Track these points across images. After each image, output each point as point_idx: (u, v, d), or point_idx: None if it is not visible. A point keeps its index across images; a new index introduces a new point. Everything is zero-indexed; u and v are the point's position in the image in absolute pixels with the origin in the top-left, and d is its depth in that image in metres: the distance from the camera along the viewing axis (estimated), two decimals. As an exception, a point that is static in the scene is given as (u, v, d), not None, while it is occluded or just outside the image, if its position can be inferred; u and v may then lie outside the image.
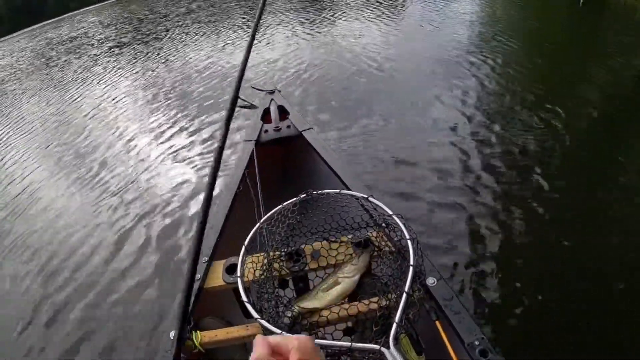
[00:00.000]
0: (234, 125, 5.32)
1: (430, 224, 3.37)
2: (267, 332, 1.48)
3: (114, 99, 7.77)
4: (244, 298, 1.56)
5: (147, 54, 10.70)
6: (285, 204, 1.86)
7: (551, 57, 6.15)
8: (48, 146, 6.61)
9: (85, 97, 8.26)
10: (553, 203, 3.43)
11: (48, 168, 5.85)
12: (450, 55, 6.56)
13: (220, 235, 2.15)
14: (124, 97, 7.70)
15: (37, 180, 5.63)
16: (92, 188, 5.07)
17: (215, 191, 4.00)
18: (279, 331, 1.43)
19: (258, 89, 3.94)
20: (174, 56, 9.70)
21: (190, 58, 9.08)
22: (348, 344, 1.37)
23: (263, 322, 1.49)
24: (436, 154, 4.26)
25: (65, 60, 12.21)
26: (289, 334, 1.41)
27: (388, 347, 1.34)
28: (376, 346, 1.35)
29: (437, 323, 1.59)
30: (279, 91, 3.40)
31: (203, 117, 5.98)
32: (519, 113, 4.78)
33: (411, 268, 1.53)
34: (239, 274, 1.68)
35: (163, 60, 9.57)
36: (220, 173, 4.28)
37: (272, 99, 3.16)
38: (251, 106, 3.49)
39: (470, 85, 5.56)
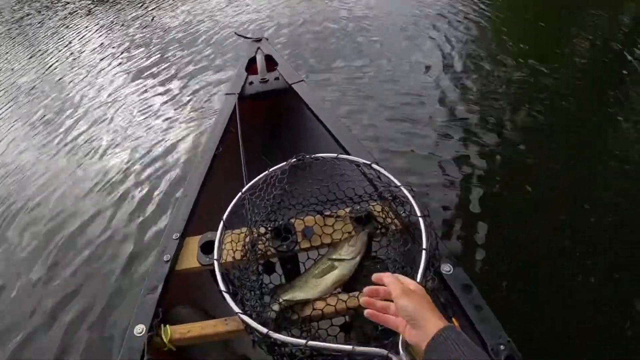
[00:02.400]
0: (213, 75, 5.02)
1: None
2: (249, 329, 1.23)
3: (91, 51, 7.24)
4: (222, 287, 1.29)
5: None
6: (272, 169, 1.58)
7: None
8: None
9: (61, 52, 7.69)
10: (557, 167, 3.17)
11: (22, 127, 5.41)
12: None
13: (195, 206, 1.85)
14: (102, 50, 7.18)
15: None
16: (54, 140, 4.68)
17: (190, 152, 3.79)
18: (263, 330, 1.17)
19: (243, 36, 3.55)
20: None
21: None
22: (349, 347, 1.12)
23: (244, 317, 1.23)
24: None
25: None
26: (277, 334, 1.16)
27: (397, 353, 1.09)
28: (383, 351, 1.11)
29: (454, 320, 1.33)
30: (267, 39, 3.05)
31: (184, 71, 5.47)
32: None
33: (424, 252, 1.26)
34: (216, 255, 1.41)
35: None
36: (196, 129, 4.09)
37: (258, 48, 2.81)
38: (249, 38, 3.09)
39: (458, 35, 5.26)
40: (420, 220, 1.34)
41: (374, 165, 1.55)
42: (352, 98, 4.17)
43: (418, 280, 1.20)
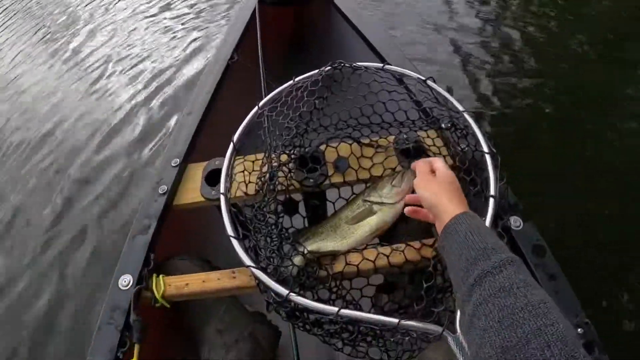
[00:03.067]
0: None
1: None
2: (263, 287, 1.01)
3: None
4: (230, 231, 1.04)
5: None
6: (299, 78, 1.29)
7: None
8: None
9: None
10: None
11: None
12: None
13: (200, 126, 1.54)
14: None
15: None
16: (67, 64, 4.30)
17: (200, 61, 3.43)
18: (283, 290, 0.96)
19: None
20: None
21: None
22: (394, 321, 0.91)
23: (258, 272, 1.00)
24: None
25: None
26: (299, 298, 0.96)
27: (455, 332, 0.87)
28: (438, 328, 0.90)
29: None
30: None
31: None
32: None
33: (491, 200, 1.01)
34: (222, 188, 1.13)
35: None
36: (204, 34, 3.70)
37: None
38: None
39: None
40: (488, 158, 1.06)
41: (430, 82, 1.23)
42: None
43: None
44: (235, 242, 1.02)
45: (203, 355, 1.27)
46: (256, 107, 1.24)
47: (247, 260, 1.00)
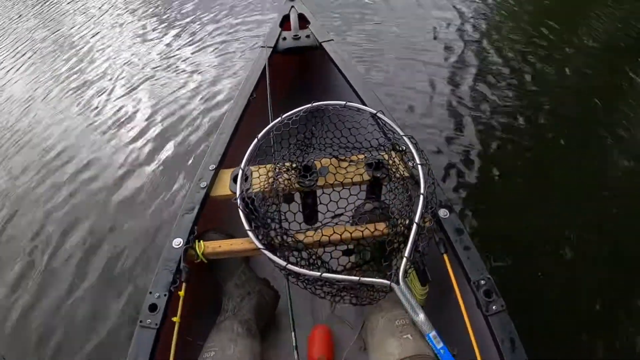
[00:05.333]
0: (249, 24, 5.20)
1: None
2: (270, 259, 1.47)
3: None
4: (245, 226, 1.53)
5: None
6: (287, 114, 1.76)
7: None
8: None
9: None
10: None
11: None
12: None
13: (229, 142, 2.08)
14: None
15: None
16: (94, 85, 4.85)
17: (226, 95, 4.04)
18: (282, 263, 1.42)
19: None
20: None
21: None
22: (356, 278, 1.36)
23: (251, 235, 1.50)
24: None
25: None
26: (294, 267, 1.42)
27: (397, 282, 1.34)
28: (386, 282, 1.36)
29: (445, 256, 1.56)
30: None
31: (216, 24, 5.54)
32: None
33: (421, 197, 1.48)
34: (238, 182, 1.65)
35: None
36: (232, 75, 4.32)
37: (292, 6, 2.95)
38: None
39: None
40: (420, 167, 1.55)
41: (380, 114, 1.73)
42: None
43: (416, 220, 1.43)
44: (250, 233, 1.51)
45: (224, 301, 1.81)
46: (261, 133, 1.75)
47: (247, 226, 1.51)
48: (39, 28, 6.57)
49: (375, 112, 1.74)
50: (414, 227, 1.42)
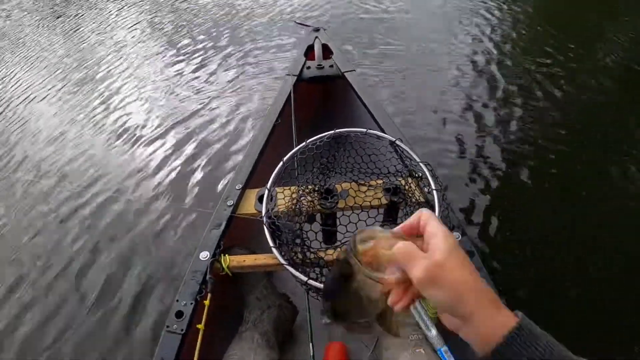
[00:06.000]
0: (277, 53, 5.41)
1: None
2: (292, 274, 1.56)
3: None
4: (265, 223, 1.64)
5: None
6: (310, 140, 1.86)
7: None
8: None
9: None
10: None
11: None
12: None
13: (255, 164, 2.21)
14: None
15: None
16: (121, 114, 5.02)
17: (252, 120, 4.21)
18: (303, 278, 1.51)
19: (302, 24, 3.88)
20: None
21: None
22: None
23: (275, 251, 1.59)
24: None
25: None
26: (314, 282, 1.50)
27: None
28: None
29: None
30: (324, 29, 3.33)
31: (245, 52, 5.76)
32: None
33: None
34: (264, 202, 1.75)
35: None
36: (261, 100, 4.50)
37: (316, 37, 3.11)
38: (308, 26, 3.43)
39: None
40: (435, 193, 1.65)
41: (398, 142, 1.84)
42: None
43: None
44: (266, 231, 1.62)
45: (245, 312, 1.91)
46: (286, 156, 1.85)
47: (281, 259, 1.58)
48: (69, 57, 6.83)
49: (394, 139, 1.85)
50: None
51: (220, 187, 3.41)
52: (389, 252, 0.62)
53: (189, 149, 4.03)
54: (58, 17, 8.79)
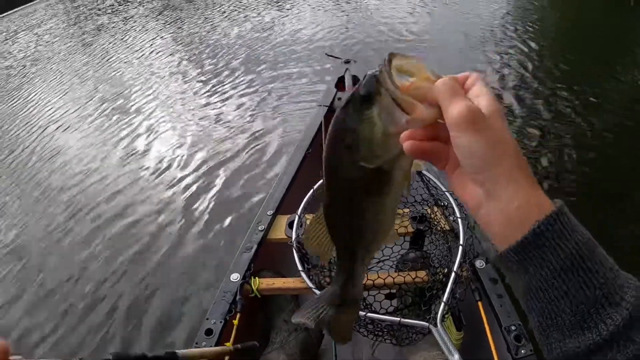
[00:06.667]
0: (308, 85, 5.56)
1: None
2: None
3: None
4: (299, 267, 1.69)
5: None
6: None
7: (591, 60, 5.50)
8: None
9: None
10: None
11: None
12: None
13: (287, 191, 2.28)
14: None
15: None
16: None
17: (284, 149, 4.31)
18: (316, 291, 1.59)
19: (333, 56, 3.98)
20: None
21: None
22: (397, 319, 1.50)
23: (303, 275, 1.65)
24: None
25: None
26: None
27: (435, 325, 1.46)
28: (425, 323, 1.48)
29: (479, 303, 1.68)
30: (355, 61, 3.40)
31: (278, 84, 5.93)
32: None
33: (460, 247, 1.63)
34: (294, 228, 1.83)
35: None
36: (291, 130, 4.62)
37: (347, 69, 3.18)
38: (339, 58, 3.52)
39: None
40: (459, 221, 1.70)
41: (424, 172, 1.90)
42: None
43: (455, 269, 1.57)
44: (296, 256, 1.69)
45: (272, 334, 1.96)
46: (312, 190, 1.92)
47: (300, 267, 1.66)
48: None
49: (419, 170, 1.90)
50: (452, 275, 1.56)
51: (252, 213, 3.48)
52: (429, 84, 0.50)
53: (224, 175, 4.17)
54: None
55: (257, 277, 1.88)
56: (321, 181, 1.93)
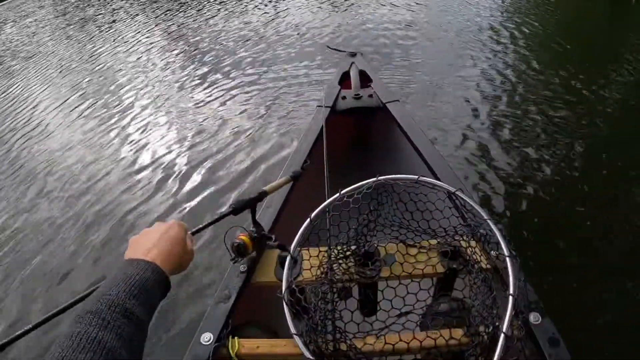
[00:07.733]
0: (304, 86, 5.10)
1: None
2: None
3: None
4: (292, 329, 1.23)
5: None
6: (349, 188, 1.48)
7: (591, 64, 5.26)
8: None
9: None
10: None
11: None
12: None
13: (278, 216, 1.82)
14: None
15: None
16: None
17: (276, 159, 3.82)
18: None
19: (335, 50, 3.55)
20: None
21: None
22: None
23: (298, 341, 1.19)
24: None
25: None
26: None
27: None
28: None
29: None
30: (362, 54, 2.99)
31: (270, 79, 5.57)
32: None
33: (511, 298, 1.14)
34: (285, 270, 1.38)
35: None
36: (286, 133, 4.14)
37: (352, 62, 2.76)
38: (342, 51, 3.08)
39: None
40: (508, 260, 1.22)
41: (459, 193, 1.43)
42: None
43: (504, 329, 1.09)
44: (287, 314, 1.24)
45: None
46: (308, 219, 1.46)
47: (293, 330, 1.20)
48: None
49: (453, 190, 1.43)
50: (501, 337, 1.07)
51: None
52: None
53: (201, 190, 3.70)
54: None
55: (236, 338, 1.40)
56: (321, 207, 1.47)
